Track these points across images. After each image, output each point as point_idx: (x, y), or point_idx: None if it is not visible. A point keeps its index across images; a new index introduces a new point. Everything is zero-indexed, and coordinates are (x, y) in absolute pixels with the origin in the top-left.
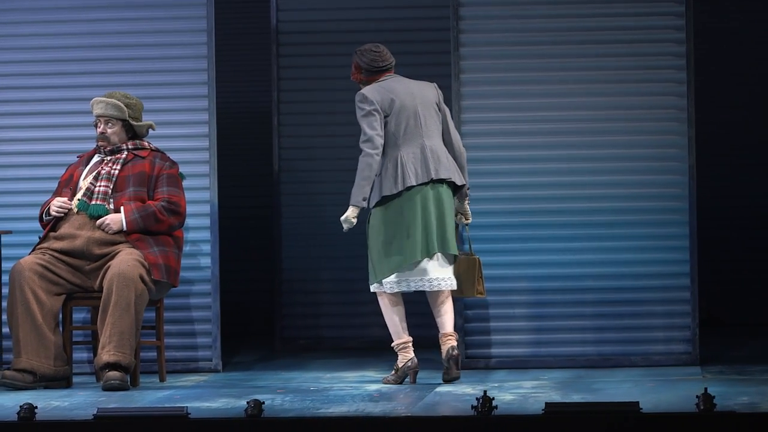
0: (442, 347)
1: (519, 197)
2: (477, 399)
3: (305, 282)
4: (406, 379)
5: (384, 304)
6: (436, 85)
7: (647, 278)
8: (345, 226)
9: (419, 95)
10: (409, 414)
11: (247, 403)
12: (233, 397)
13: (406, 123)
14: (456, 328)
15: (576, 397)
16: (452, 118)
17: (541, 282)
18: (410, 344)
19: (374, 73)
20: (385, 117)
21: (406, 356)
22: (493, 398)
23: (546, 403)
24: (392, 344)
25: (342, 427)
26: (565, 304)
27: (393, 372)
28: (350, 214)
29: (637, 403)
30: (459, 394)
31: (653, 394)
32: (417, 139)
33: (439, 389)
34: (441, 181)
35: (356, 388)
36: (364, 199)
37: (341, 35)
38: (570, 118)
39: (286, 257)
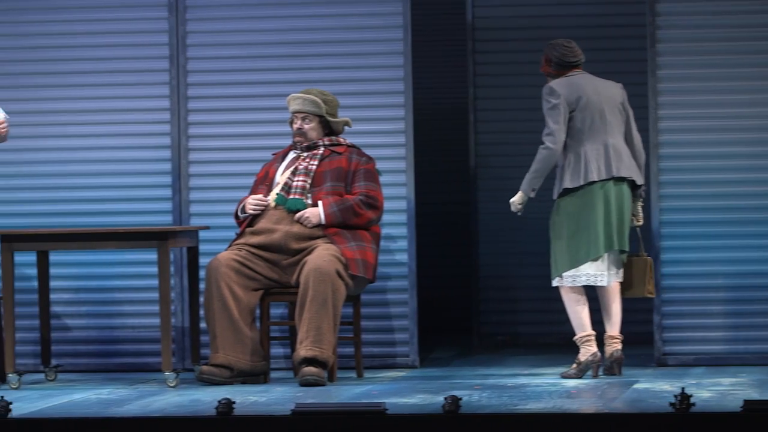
0: (607, 348)
1: (717, 194)
2: (675, 396)
3: (502, 278)
4: (588, 373)
5: (567, 297)
6: (622, 85)
7: None
8: (512, 209)
9: (605, 93)
10: (606, 410)
11: (445, 399)
12: (431, 393)
13: (591, 119)
14: (653, 325)
15: None
16: (649, 115)
17: (739, 279)
18: (593, 338)
19: (563, 67)
20: (571, 112)
21: (589, 350)
22: (691, 395)
23: (745, 401)
24: (575, 338)
25: (540, 424)
26: (764, 301)
27: (574, 365)
28: (517, 199)
29: None
30: (657, 391)
31: None
32: (601, 136)
33: (636, 386)
34: (622, 179)
35: (553, 384)
36: (533, 190)
37: (537, 31)
38: None
39: (483, 253)
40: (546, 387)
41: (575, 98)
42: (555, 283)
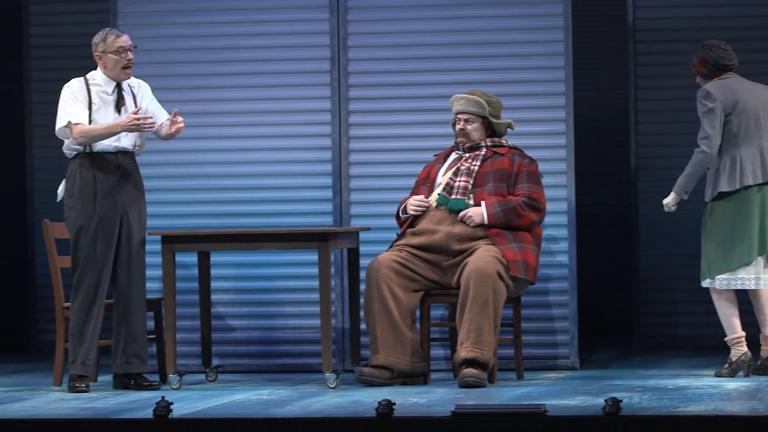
0: (763, 348)
1: None
2: None
3: (663, 279)
4: (740, 373)
5: (717, 299)
6: None
7: None
8: (665, 209)
9: (759, 97)
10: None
11: (605, 401)
12: (591, 395)
13: (747, 124)
14: None
15: None
16: None
17: None
18: (743, 339)
19: (718, 69)
20: (727, 116)
21: (740, 350)
22: None
23: None
24: (725, 338)
25: (701, 426)
26: None
27: (726, 366)
28: (670, 201)
29: None
30: None
31: None
32: (756, 141)
33: None
34: None
35: (714, 386)
36: (686, 192)
37: (700, 32)
38: None
39: (644, 255)
40: (707, 389)
41: (732, 102)
42: (705, 284)
